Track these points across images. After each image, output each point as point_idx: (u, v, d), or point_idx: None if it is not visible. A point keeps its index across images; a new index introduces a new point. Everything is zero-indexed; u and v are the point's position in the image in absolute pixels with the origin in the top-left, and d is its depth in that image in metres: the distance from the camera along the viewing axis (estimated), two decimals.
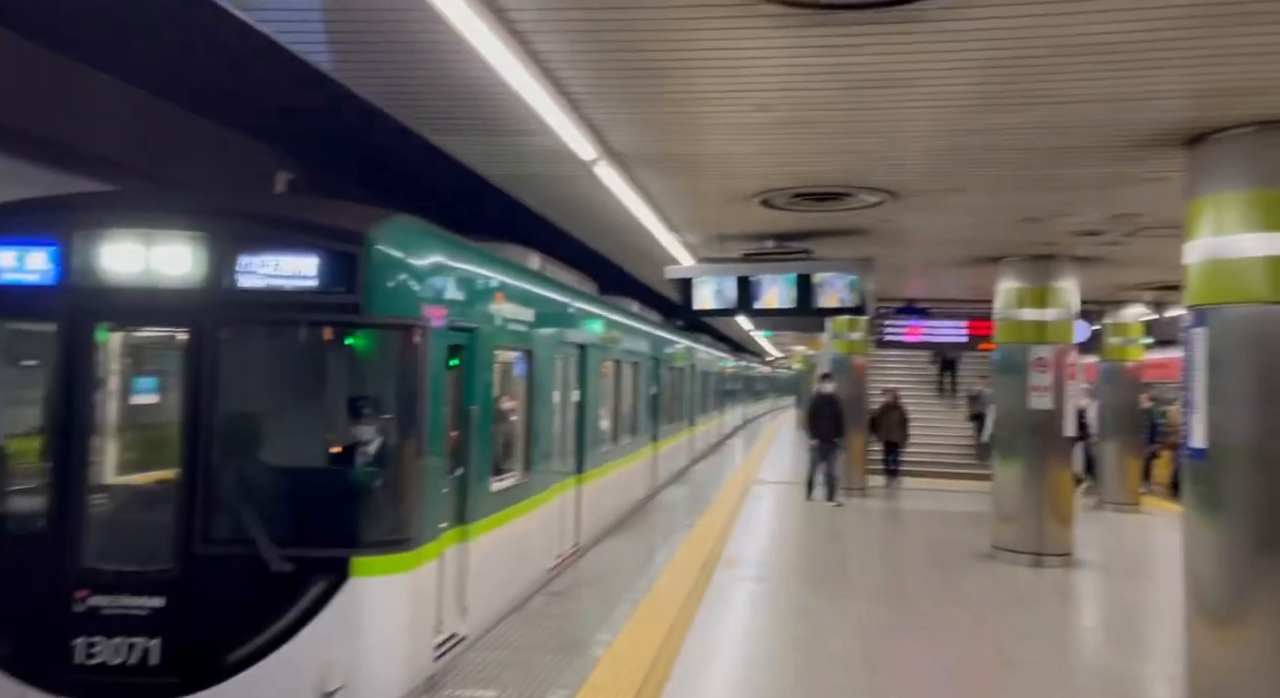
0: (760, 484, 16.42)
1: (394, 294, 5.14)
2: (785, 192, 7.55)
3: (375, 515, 5.18)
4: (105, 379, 5.55)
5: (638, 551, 9.73)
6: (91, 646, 4.78)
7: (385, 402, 5.41)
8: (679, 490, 15.07)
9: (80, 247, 5.04)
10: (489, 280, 6.57)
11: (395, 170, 9.81)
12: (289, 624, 4.78)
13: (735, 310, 9.84)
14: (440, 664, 5.59)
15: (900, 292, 14.79)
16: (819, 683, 5.87)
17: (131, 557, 5.03)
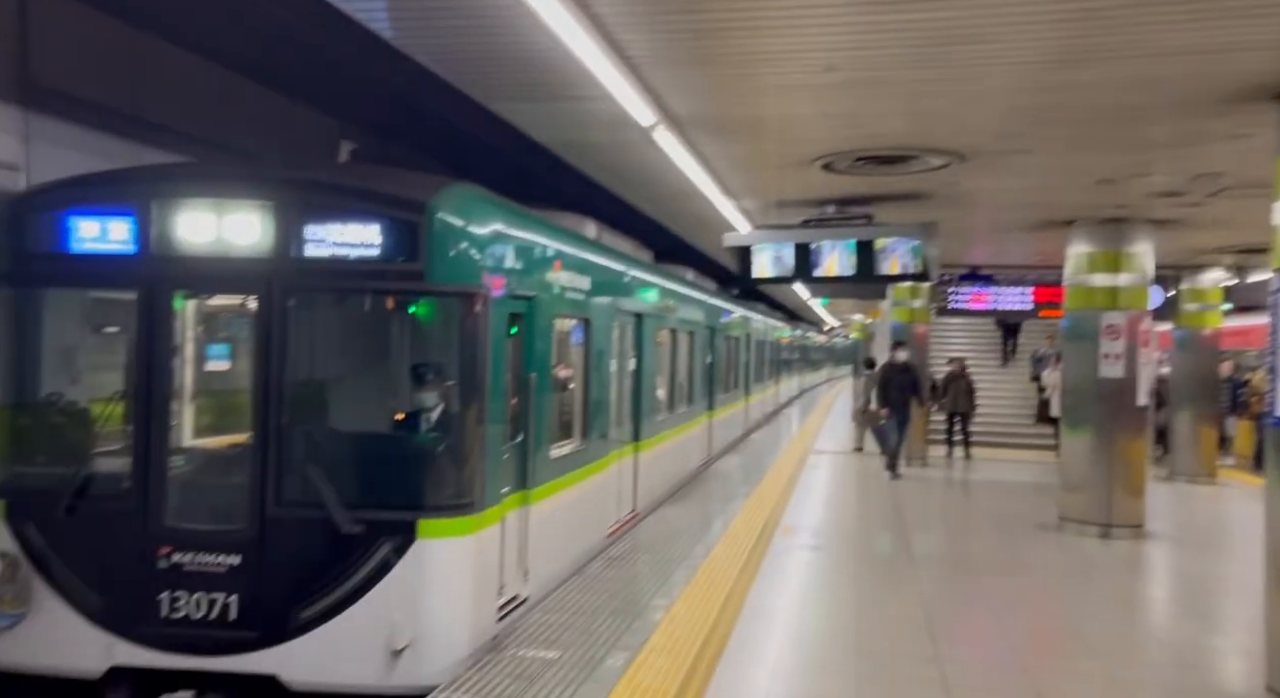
0: (817, 454, 16.33)
1: (455, 262, 5.17)
2: (847, 155, 7.40)
3: (440, 480, 5.24)
4: (182, 346, 5.74)
5: (695, 518, 9.77)
6: (175, 600, 4.97)
7: (448, 369, 5.44)
8: (735, 459, 15.06)
9: (157, 216, 5.15)
10: (547, 249, 6.54)
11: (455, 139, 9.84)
12: (358, 584, 4.89)
13: (794, 278, 9.73)
14: (503, 625, 5.71)
15: (964, 258, 14.45)
16: (879, 650, 5.85)
17: (209, 517, 5.19)
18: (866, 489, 12.87)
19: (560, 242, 6.91)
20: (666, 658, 5.41)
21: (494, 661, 5.23)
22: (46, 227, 5.28)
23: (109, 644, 4.99)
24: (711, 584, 7.08)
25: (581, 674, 5.10)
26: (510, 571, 5.83)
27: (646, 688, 4.93)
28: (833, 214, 9.57)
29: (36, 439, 5.53)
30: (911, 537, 9.57)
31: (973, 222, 10.87)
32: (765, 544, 8.68)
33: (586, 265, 7.48)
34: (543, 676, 5.04)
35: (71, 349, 5.86)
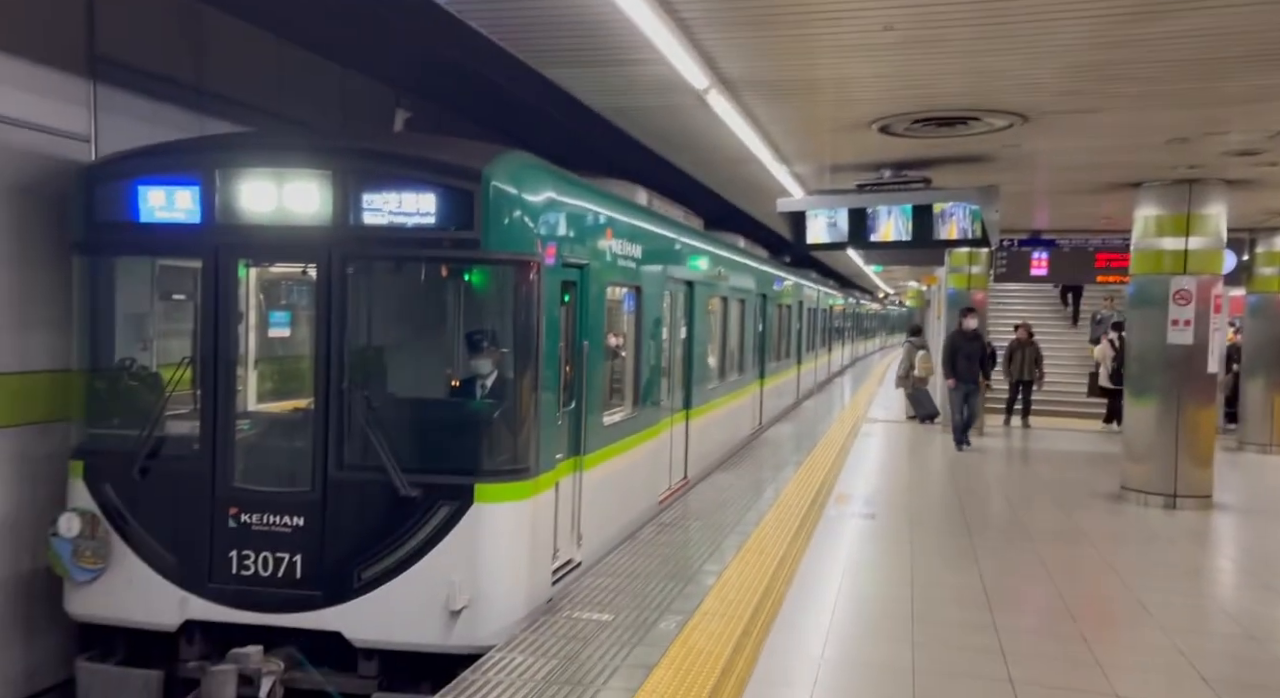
0: (870, 422, 16.19)
1: (510, 230, 5.18)
2: (905, 117, 7.22)
3: (495, 446, 5.31)
4: (246, 313, 5.88)
5: (746, 485, 9.79)
6: (244, 559, 5.15)
7: (502, 336, 5.50)
8: (786, 428, 15.01)
9: (220, 186, 5.25)
10: (599, 216, 6.53)
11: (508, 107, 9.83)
12: (418, 546, 5.01)
13: (848, 244, 9.61)
14: (557, 588, 5.82)
15: (1025, 222, 14.07)
16: (935, 617, 5.82)
17: (275, 479, 5.34)
18: (921, 458, 12.74)
19: (611, 209, 6.88)
20: (719, 622, 5.46)
21: (549, 622, 5.33)
22: (115, 196, 5.40)
23: (183, 600, 5.20)
24: (763, 551, 7.11)
25: (635, 637, 5.17)
26: (564, 535, 5.91)
27: (700, 650, 4.99)
28: (889, 178, 9.39)
29: (111, 403, 5.69)
30: (967, 505, 9.46)
31: (1035, 184, 10.55)
32: (818, 512, 8.66)
33: (637, 233, 7.43)
34: (597, 637, 5.13)
35: (142, 316, 6.01)
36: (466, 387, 5.77)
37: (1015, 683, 4.86)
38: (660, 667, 4.75)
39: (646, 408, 7.80)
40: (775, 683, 4.74)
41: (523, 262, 5.25)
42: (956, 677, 4.93)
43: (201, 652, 5.25)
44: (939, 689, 4.74)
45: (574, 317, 6.12)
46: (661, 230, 8.34)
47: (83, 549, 5.24)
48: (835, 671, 4.95)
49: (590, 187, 6.57)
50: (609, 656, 4.89)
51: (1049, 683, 4.90)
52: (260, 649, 4.97)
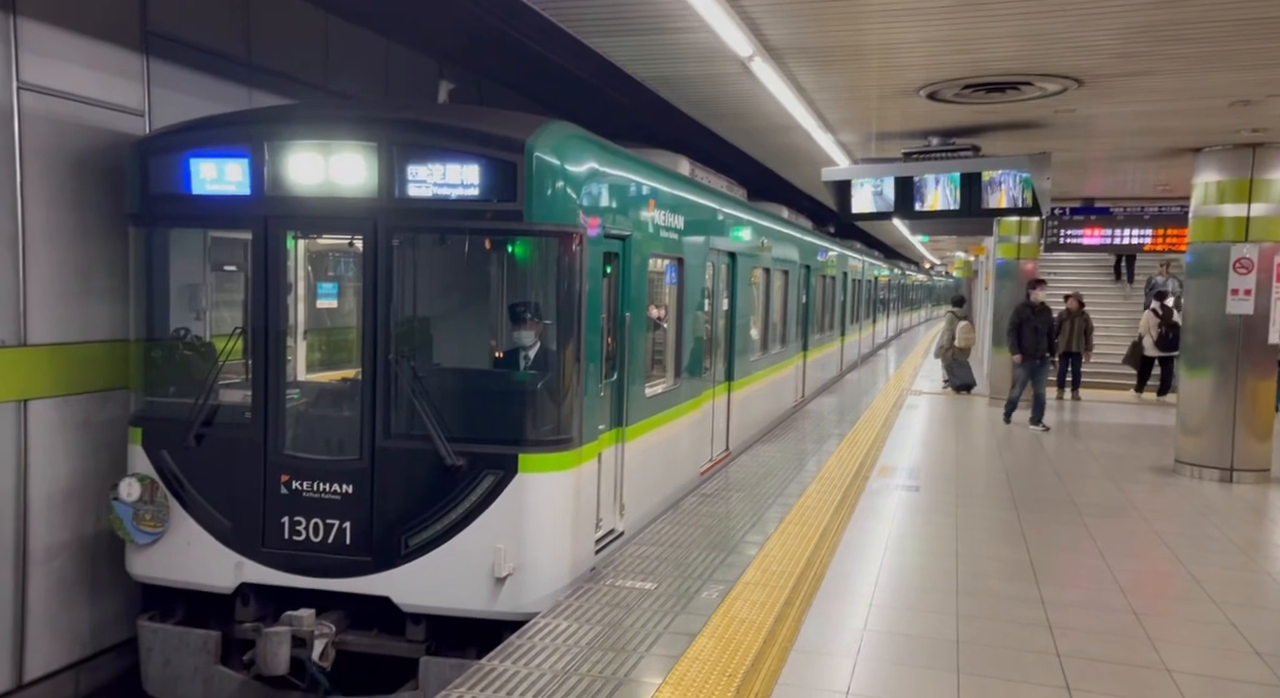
0: (915, 394, 16.02)
1: (553, 202, 5.16)
2: (953, 83, 7.06)
3: (539, 416, 5.33)
4: (295, 284, 5.97)
5: (788, 457, 9.77)
6: (295, 524, 5.29)
7: (545, 308, 5.53)
8: (830, 400, 14.92)
9: (269, 158, 5.31)
10: (641, 187, 6.48)
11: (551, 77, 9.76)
12: (463, 514, 5.09)
13: (894, 214, 9.46)
14: (600, 557, 5.86)
15: (1077, 190, 13.72)
16: (980, 590, 5.79)
17: (324, 448, 5.46)
18: (967, 430, 12.59)
19: (654, 180, 6.83)
20: (761, 591, 5.49)
21: (593, 590, 5.41)
22: (168, 169, 5.49)
23: (238, 563, 5.36)
24: (806, 522, 7.11)
25: (677, 605, 5.23)
26: (606, 506, 5.97)
27: (742, 620, 5.03)
28: (936, 146, 9.21)
29: (166, 372, 5.82)
30: (1015, 479, 9.34)
31: (1088, 151, 10.27)
32: (861, 484, 8.63)
33: (680, 204, 7.37)
34: (639, 605, 5.20)
35: (195, 287, 6.14)
36: (510, 358, 5.82)
37: (1062, 657, 4.82)
38: (702, 635, 4.80)
39: (688, 380, 7.77)
40: (818, 653, 4.76)
41: (565, 233, 5.24)
42: (1002, 650, 4.90)
43: (257, 614, 5.40)
44: (984, 662, 4.73)
45: (616, 288, 6.10)
46: (704, 201, 8.24)
47: (143, 513, 5.41)
48: (878, 641, 4.95)
49: (632, 157, 6.51)
50: (651, 623, 4.95)
51: (1097, 657, 4.85)
52: (312, 612, 5.11)
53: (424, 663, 5.10)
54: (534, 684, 4.17)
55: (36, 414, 5.50)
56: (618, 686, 4.20)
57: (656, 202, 6.74)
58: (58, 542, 5.67)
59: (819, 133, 8.95)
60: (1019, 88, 7.05)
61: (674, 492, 7.56)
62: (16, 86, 5.28)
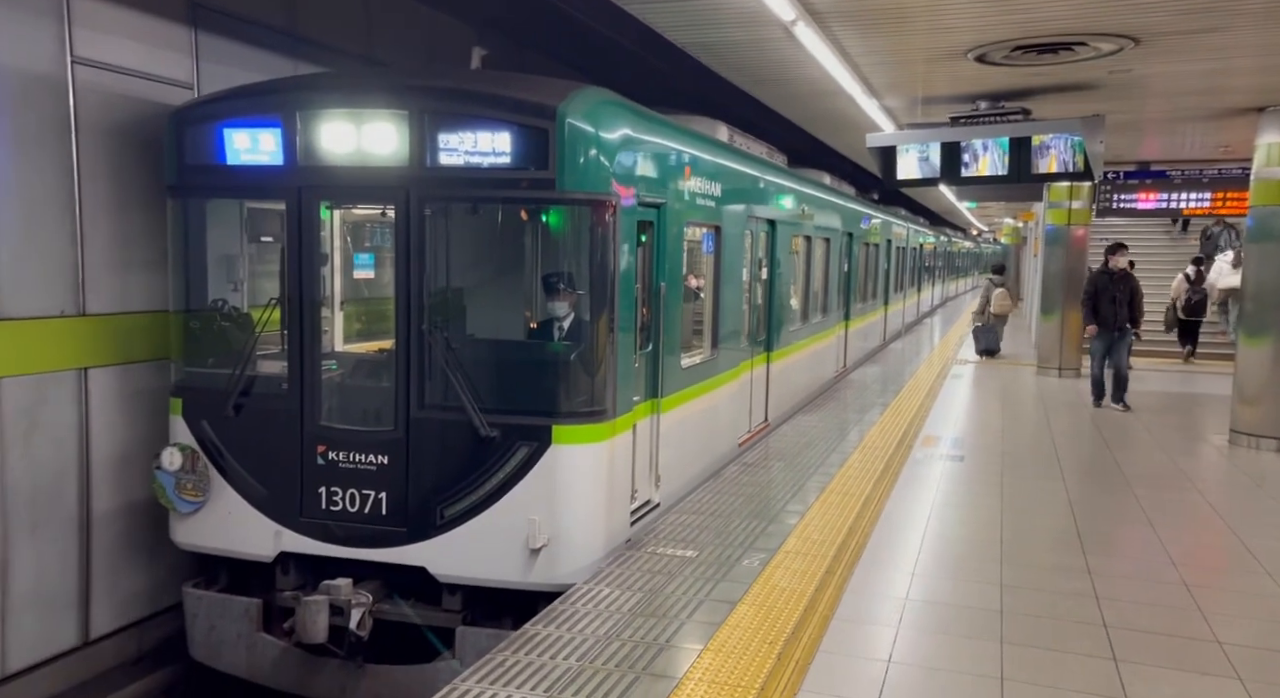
0: (960, 363, 15.81)
1: (585, 169, 5.04)
2: (1003, 44, 6.88)
3: (573, 388, 5.24)
4: (331, 254, 5.96)
5: (830, 426, 9.73)
6: (332, 495, 5.28)
7: (578, 278, 5.39)
8: (873, 369, 14.80)
9: (302, 127, 5.25)
10: (677, 154, 6.32)
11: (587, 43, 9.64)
12: (497, 486, 5.06)
13: (940, 180, 9.29)
14: (636, 529, 5.77)
15: (1131, 153, 13.32)
16: (1025, 560, 5.73)
17: (360, 418, 5.45)
18: (1014, 399, 12.40)
19: (690, 146, 6.66)
20: (802, 560, 5.50)
21: (634, 557, 5.47)
22: (203, 139, 5.46)
23: (277, 533, 5.39)
24: (848, 491, 7.09)
25: (718, 573, 5.27)
26: (641, 477, 5.90)
27: (782, 588, 5.05)
28: (985, 110, 9.00)
29: (205, 342, 5.82)
30: (1061, 448, 9.20)
31: (1144, 112, 9.95)
32: (904, 453, 8.57)
33: (717, 171, 7.19)
34: (681, 572, 5.24)
35: (232, 258, 6.14)
36: (544, 329, 5.74)
37: (1110, 628, 4.77)
38: (743, 603, 4.84)
39: (726, 350, 7.63)
40: (859, 621, 4.77)
41: (599, 202, 5.12)
42: (1047, 620, 4.87)
43: (296, 582, 5.46)
44: (1028, 632, 4.69)
45: (651, 257, 5.97)
46: (742, 168, 8.00)
47: (184, 482, 5.49)
48: (921, 611, 4.94)
49: (668, 123, 6.36)
50: (693, 591, 5.00)
51: (1146, 629, 4.79)
52: (350, 582, 5.13)
53: (460, 633, 5.13)
54: (577, 649, 4.24)
55: (96, 382, 5.66)
56: (659, 651, 4.25)
57: (693, 168, 6.56)
58: (117, 506, 5.86)
59: (863, 98, 8.78)
60: (1072, 48, 6.84)
61: (711, 463, 7.47)
62: (70, 60, 5.37)
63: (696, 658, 4.19)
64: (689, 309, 7.35)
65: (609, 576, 5.16)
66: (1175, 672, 4.31)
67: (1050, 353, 14.82)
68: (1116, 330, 11.20)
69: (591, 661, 4.13)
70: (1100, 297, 11.25)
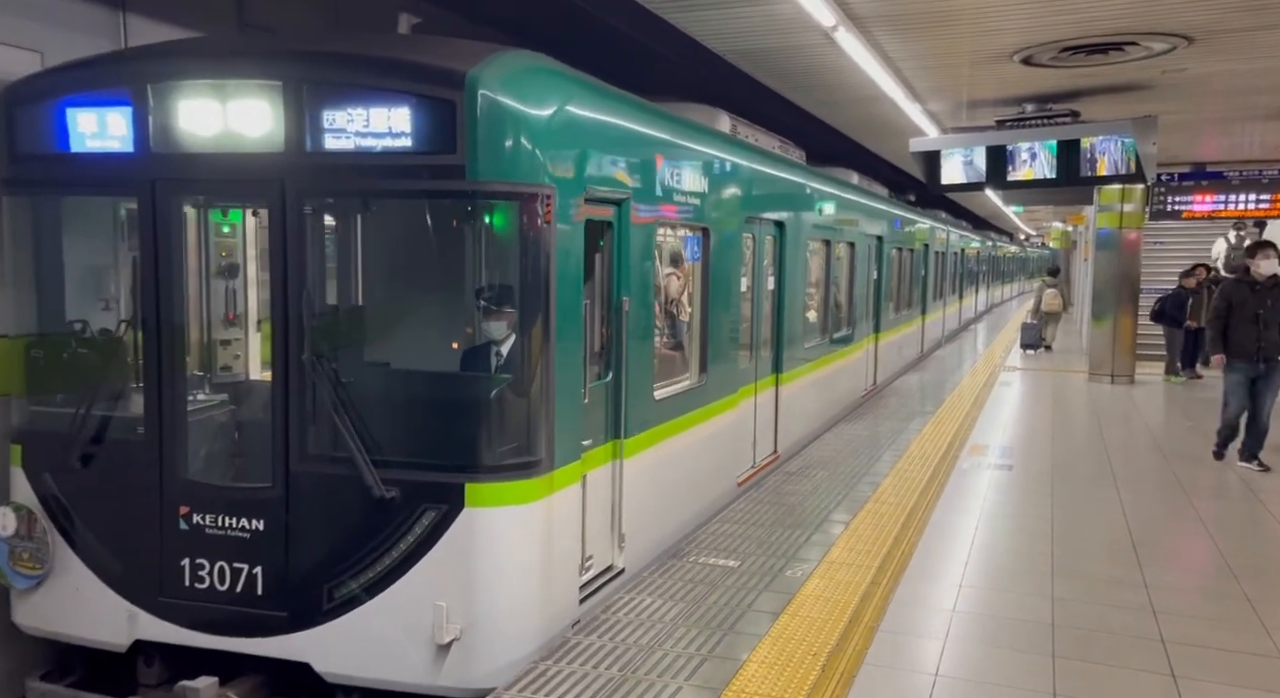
0: (1008, 371, 15.52)
1: (506, 154, 3.97)
2: (1051, 46, 6.77)
3: (492, 433, 4.17)
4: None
5: (873, 436, 9.61)
6: (197, 569, 4.25)
7: (501, 293, 4.40)
8: (912, 380, 14.59)
9: (155, 105, 4.20)
10: (646, 140, 5.24)
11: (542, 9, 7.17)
12: (397, 561, 4.03)
13: (986, 184, 9.17)
14: (590, 605, 4.72)
15: (1186, 154, 12.99)
16: (1078, 572, 5.59)
17: (232, 472, 4.54)
18: (1065, 408, 12.14)
19: (664, 130, 5.53)
20: (847, 571, 5.43)
21: (676, 566, 5.44)
22: (39, 121, 4.42)
23: (132, 615, 4.34)
24: (892, 501, 6.99)
25: (761, 583, 5.22)
26: (598, 539, 4.85)
27: (827, 599, 4.99)
28: (1032, 113, 8.86)
29: (53, 374, 4.65)
30: (1116, 458, 8.97)
31: (1200, 113, 9.71)
32: (950, 463, 8.43)
33: (705, 163, 6.06)
34: (723, 582, 5.21)
35: (103, 269, 4.90)
36: (477, 356, 4.64)
37: (1167, 643, 4.63)
38: (786, 614, 4.79)
39: (718, 375, 6.49)
40: (905, 634, 4.69)
41: (525, 195, 4.04)
42: (1101, 634, 4.74)
43: (160, 676, 4.43)
44: (1081, 647, 4.58)
45: (610, 266, 4.91)
46: (741, 161, 6.82)
47: (19, 551, 4.45)
48: (968, 624, 4.84)
49: (631, 101, 5.19)
50: (735, 601, 4.96)
51: (1206, 643, 4.64)
52: (214, 683, 4.16)
53: None
54: (620, 658, 4.23)
55: None
56: (702, 662, 4.22)
57: (668, 158, 5.45)
58: None
59: (906, 103, 8.70)
60: (1123, 48, 6.71)
61: (700, 510, 6.35)
62: None
63: (740, 669, 4.16)
64: (668, 328, 6.38)
65: (649, 584, 5.14)
66: (1237, 689, 4.17)
67: (1102, 359, 14.48)
68: (1263, 362, 8.14)
69: (634, 670, 4.12)
70: (1237, 314, 8.19)
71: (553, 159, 4.18)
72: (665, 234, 6.03)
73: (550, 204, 4.11)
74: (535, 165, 4.08)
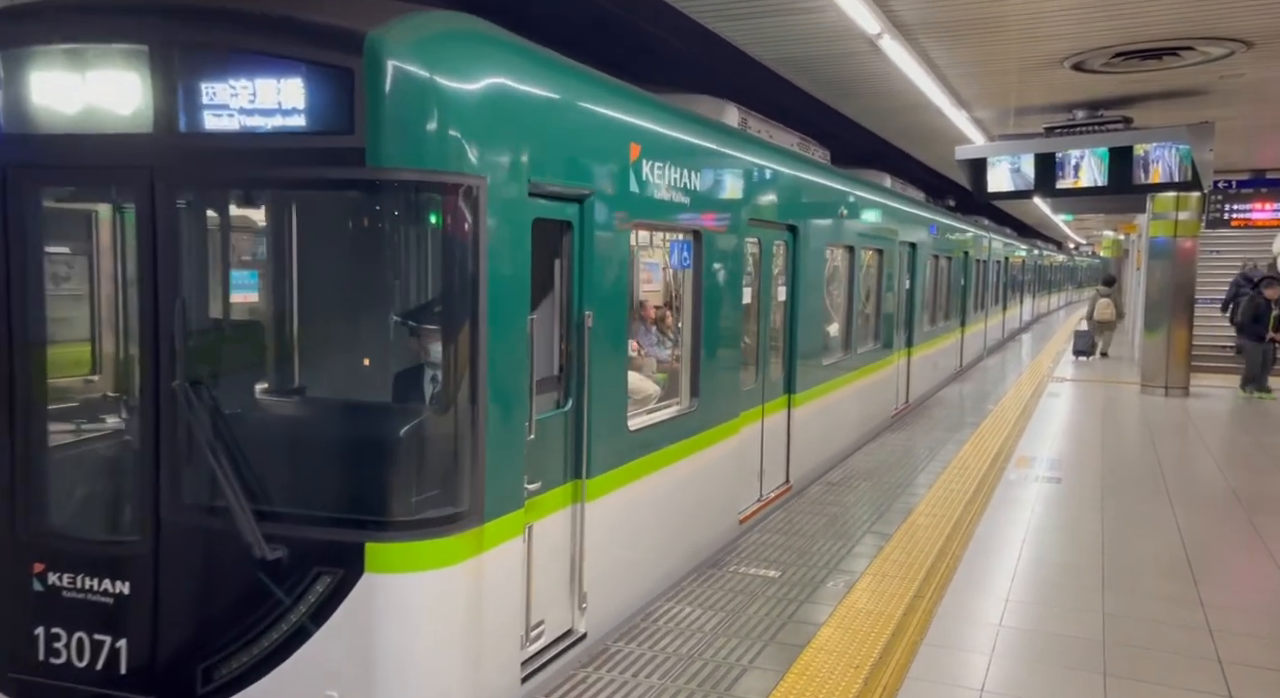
0: (1056, 382, 15.22)
1: (418, 135, 3.23)
2: (1103, 51, 6.65)
3: (402, 480, 3.42)
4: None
5: (917, 447, 9.49)
6: (53, 639, 3.54)
7: (419, 305, 3.62)
8: (957, 389, 14.37)
9: (6, 73, 3.53)
10: (619, 126, 4.45)
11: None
12: (282, 638, 3.32)
13: (1034, 192, 9.03)
14: (539, 682, 3.95)
15: (1245, 161, 12.66)
16: (1129, 589, 5.46)
17: (95, 523, 3.79)
18: (1116, 419, 11.86)
19: (644, 116, 4.71)
20: (889, 582, 5.36)
21: (715, 576, 5.42)
22: None
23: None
24: (936, 513, 6.89)
25: (801, 594, 5.18)
26: (552, 600, 4.09)
27: (869, 611, 4.93)
28: (1082, 119, 8.71)
29: None
30: (1170, 471, 8.74)
31: (1259, 118, 9.46)
32: (997, 475, 8.28)
33: (696, 156, 5.26)
34: (763, 593, 5.17)
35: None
36: (408, 382, 3.85)
37: (1224, 663, 4.49)
38: (828, 625, 4.74)
39: (715, 399, 5.69)
40: (950, 648, 4.61)
41: (443, 186, 3.28)
42: (1154, 653, 4.61)
43: None
44: (1134, 665, 4.46)
45: (570, 274, 4.17)
46: (744, 156, 6.05)
47: None
48: (1015, 639, 4.75)
49: (595, 76, 4.36)
50: (775, 611, 4.92)
51: (1265, 664, 4.49)
52: None
53: None
54: (659, 667, 4.23)
55: None
56: (742, 672, 4.20)
57: (647, 149, 4.62)
58: None
59: (952, 110, 8.61)
60: (1178, 54, 6.57)
61: (687, 556, 5.50)
62: None
63: (780, 680, 4.13)
64: (644, 346, 5.71)
65: (688, 595, 5.13)
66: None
67: (1156, 370, 14.13)
68: None
69: (674, 679, 4.11)
70: None
71: (483, 143, 3.40)
72: (644, 238, 5.38)
73: (479, 198, 3.36)
74: (457, 150, 3.31)
